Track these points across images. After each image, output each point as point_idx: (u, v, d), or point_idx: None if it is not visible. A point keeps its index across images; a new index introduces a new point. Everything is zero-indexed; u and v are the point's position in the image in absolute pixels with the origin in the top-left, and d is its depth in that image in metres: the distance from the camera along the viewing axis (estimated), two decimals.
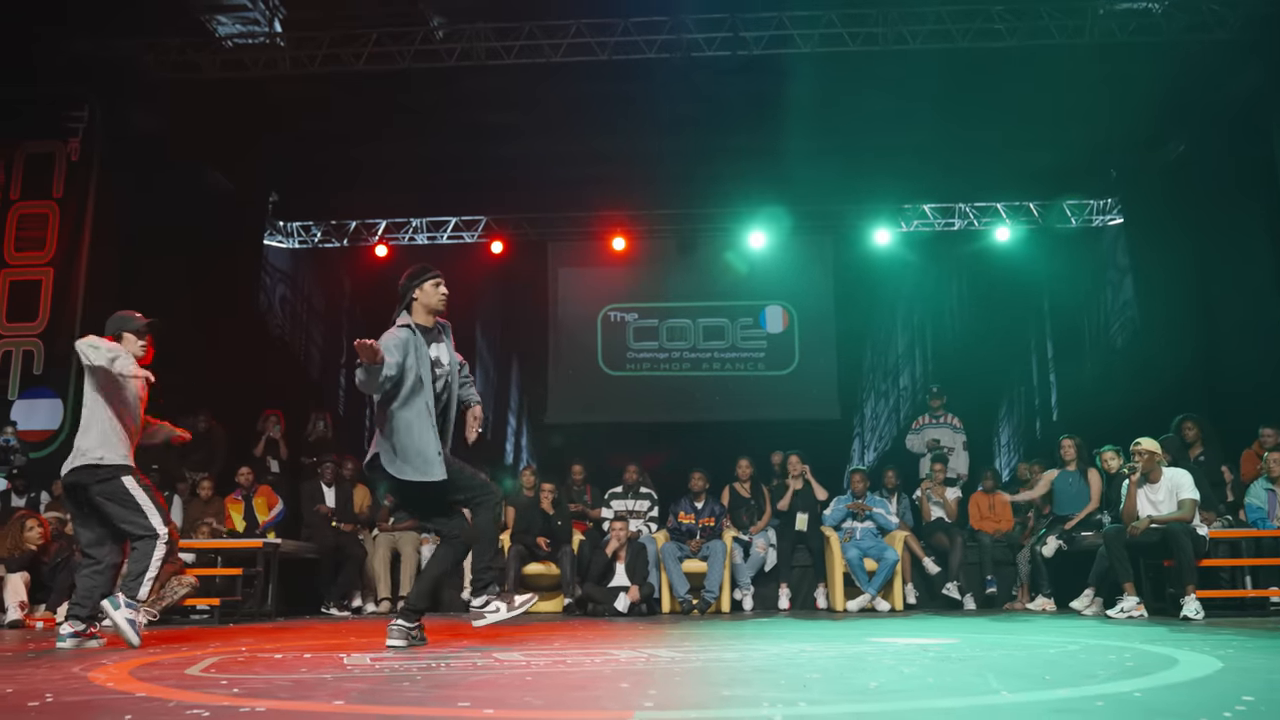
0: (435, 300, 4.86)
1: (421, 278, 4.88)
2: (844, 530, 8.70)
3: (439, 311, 4.90)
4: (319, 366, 12.97)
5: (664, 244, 12.85)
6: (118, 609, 4.78)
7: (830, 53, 9.65)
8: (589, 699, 2.86)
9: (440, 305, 4.89)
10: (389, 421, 4.65)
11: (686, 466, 9.05)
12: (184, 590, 7.14)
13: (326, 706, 2.69)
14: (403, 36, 9.78)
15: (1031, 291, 12.38)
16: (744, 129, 11.10)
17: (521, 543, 8.57)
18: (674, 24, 9.63)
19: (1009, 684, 2.99)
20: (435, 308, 4.87)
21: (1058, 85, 10.02)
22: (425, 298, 4.85)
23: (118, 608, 4.78)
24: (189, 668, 3.75)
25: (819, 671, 3.41)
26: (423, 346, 4.73)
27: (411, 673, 3.52)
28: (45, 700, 2.79)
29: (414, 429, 4.63)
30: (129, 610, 4.80)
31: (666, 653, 4.24)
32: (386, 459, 4.63)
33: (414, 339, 4.71)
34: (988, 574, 8.74)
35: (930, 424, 10.70)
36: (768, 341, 12.64)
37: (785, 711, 2.49)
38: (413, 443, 4.61)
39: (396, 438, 4.63)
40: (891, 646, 4.53)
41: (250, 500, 8.79)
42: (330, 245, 12.92)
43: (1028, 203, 12.21)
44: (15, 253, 9.90)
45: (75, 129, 10.12)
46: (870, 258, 12.44)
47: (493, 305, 12.95)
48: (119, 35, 9.77)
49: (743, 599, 8.65)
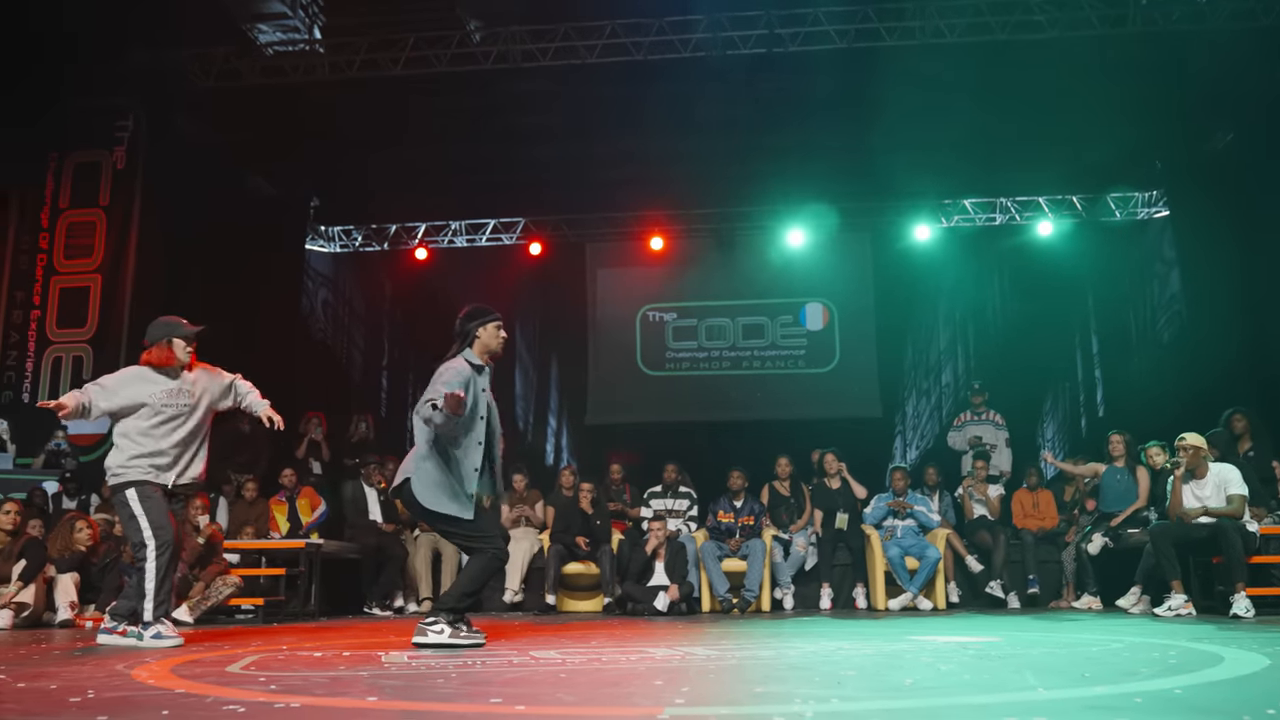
0: (495, 343, 4.91)
1: (484, 319, 4.91)
2: (885, 529, 8.62)
3: (495, 354, 4.94)
4: (360, 369, 13.10)
5: (702, 243, 12.83)
6: (142, 639, 4.87)
7: (866, 48, 9.59)
8: (621, 695, 2.86)
9: (499, 349, 4.93)
10: (434, 453, 4.66)
11: (725, 465, 9.02)
12: (229, 590, 7.25)
13: (359, 703, 2.71)
14: (439, 41, 9.87)
15: (1075, 286, 12.18)
16: (781, 126, 11.05)
17: (561, 542, 8.60)
18: (708, 22, 9.63)
19: (1046, 681, 2.95)
20: (494, 350, 4.91)
21: (1100, 76, 9.86)
22: (487, 338, 4.89)
23: (141, 638, 4.88)
24: (229, 665, 3.81)
25: (854, 669, 3.38)
26: (478, 385, 4.78)
27: (446, 670, 3.54)
28: (86, 696, 2.84)
29: (461, 465, 4.67)
30: (151, 630, 4.88)
31: (702, 651, 4.23)
32: (421, 488, 4.63)
33: (474, 378, 4.76)
34: (1030, 573, 8.62)
35: (972, 421, 10.58)
36: (808, 339, 12.57)
37: (817, 708, 2.47)
38: (452, 478, 4.65)
39: (439, 470, 4.65)
40: (930, 644, 4.48)
41: (294, 501, 8.90)
42: (371, 249, 13.05)
43: (1071, 196, 12.02)
44: (65, 260, 10.13)
45: (121, 138, 10.34)
46: (910, 254, 12.32)
47: (531, 306, 13.01)
48: (164, 46, 9.96)
49: (783, 598, 8.61)
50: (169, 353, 5.20)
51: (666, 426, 12.07)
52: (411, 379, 12.95)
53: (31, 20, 9.16)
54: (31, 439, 9.43)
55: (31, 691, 2.98)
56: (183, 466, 5.17)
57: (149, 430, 5.07)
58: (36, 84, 10.03)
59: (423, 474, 4.66)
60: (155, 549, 4.95)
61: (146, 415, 5.07)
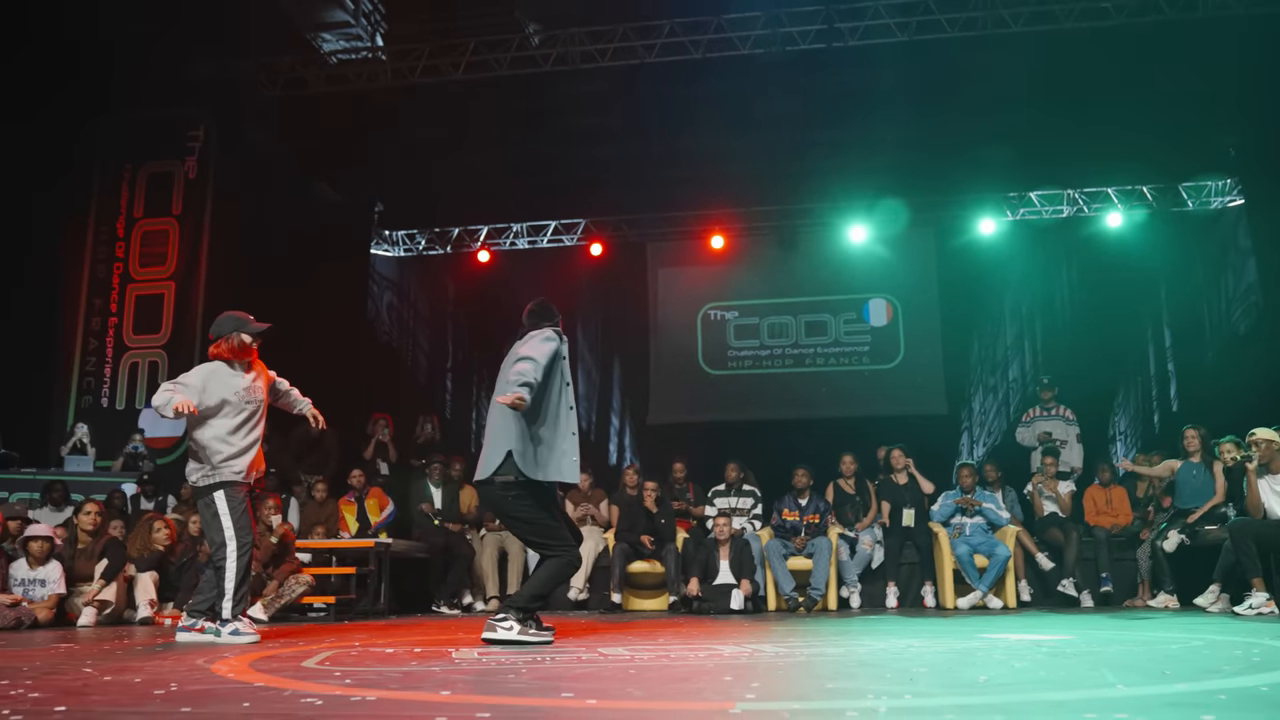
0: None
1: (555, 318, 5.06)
2: (952, 526, 8.50)
3: None
4: (425, 371, 13.27)
5: (763, 241, 12.77)
6: (220, 635, 4.99)
7: (927, 40, 9.47)
8: (691, 691, 2.86)
9: None
10: (531, 424, 4.69)
11: (789, 463, 8.97)
12: (301, 588, 7.39)
13: (433, 696, 2.75)
14: (499, 44, 9.96)
15: (1147, 278, 11.88)
16: (841, 122, 10.96)
17: (626, 541, 8.63)
18: (767, 19, 9.59)
19: (1125, 678, 2.89)
20: None
21: (1169, 63, 9.62)
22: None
23: (219, 634, 4.99)
24: (304, 660, 3.88)
25: (926, 666, 3.35)
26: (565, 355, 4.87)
27: (517, 666, 3.57)
28: (169, 689, 2.92)
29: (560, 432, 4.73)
30: (230, 627, 5.00)
31: (771, 648, 4.22)
32: (525, 461, 4.64)
33: (561, 346, 4.84)
34: (1104, 571, 8.43)
35: (1041, 416, 10.37)
36: (871, 335, 12.45)
37: (890, 704, 2.45)
38: (556, 445, 4.70)
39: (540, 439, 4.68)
40: (1002, 642, 4.42)
41: (363, 502, 9.04)
42: (434, 252, 13.21)
43: (1141, 186, 11.74)
44: (140, 268, 10.43)
45: (192, 148, 10.63)
46: (975, 248, 12.14)
47: (593, 307, 13.07)
48: (231, 57, 10.20)
49: (849, 597, 8.53)
50: (241, 346, 5.26)
51: (729, 425, 12.04)
52: (475, 380, 13.09)
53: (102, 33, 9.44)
54: (110, 442, 9.71)
55: (117, 684, 3.07)
56: (255, 462, 5.28)
57: (235, 429, 5.17)
58: (110, 97, 10.35)
59: (524, 446, 4.65)
60: (236, 549, 5.08)
61: (230, 413, 5.16)
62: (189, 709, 2.52)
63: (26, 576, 6.93)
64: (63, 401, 10.16)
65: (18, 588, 6.85)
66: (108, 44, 9.62)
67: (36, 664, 3.79)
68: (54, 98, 9.67)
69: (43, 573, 6.96)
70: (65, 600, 7.03)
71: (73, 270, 10.49)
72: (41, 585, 6.93)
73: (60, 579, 6.99)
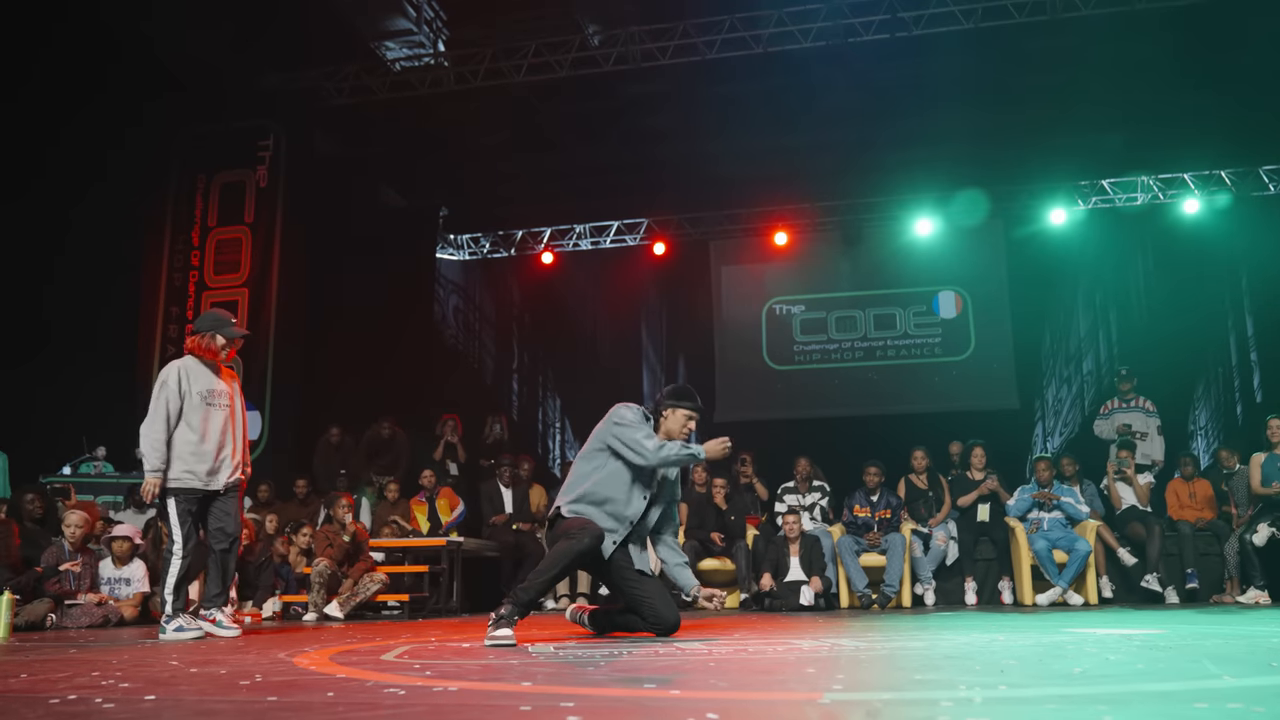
0: (678, 430, 4.67)
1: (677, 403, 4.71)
2: (1030, 521, 8.31)
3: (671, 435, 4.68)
4: (492, 372, 13.38)
5: (828, 236, 12.65)
6: (164, 631, 5.09)
7: (994, 26, 9.28)
8: (775, 682, 2.81)
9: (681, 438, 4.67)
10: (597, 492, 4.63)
11: (858, 459, 8.85)
12: (375, 586, 7.47)
13: (515, 686, 2.74)
14: (560, 46, 9.98)
15: (1227, 265, 11.52)
16: (905, 113, 10.80)
17: (695, 538, 8.58)
18: (829, 10, 9.47)
19: (1230, 669, 2.77)
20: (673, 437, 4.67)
21: (1247, 41, 9.31)
22: (671, 424, 4.68)
23: (165, 630, 5.10)
24: (383, 654, 3.91)
25: (1015, 658, 3.25)
26: None
27: (594, 659, 3.55)
28: (254, 680, 2.95)
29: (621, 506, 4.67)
30: (173, 624, 5.10)
31: (850, 642, 4.14)
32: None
33: None
34: (1189, 566, 8.17)
35: (1120, 408, 10.09)
36: (942, 328, 12.26)
37: (985, 694, 2.37)
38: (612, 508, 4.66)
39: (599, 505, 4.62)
40: (1091, 636, 4.29)
41: (433, 501, 9.13)
42: (499, 255, 13.31)
43: (1219, 171, 11.39)
44: (214, 275, 10.65)
45: (262, 158, 10.83)
46: (1045, 238, 11.90)
47: (657, 306, 13.08)
48: (299, 68, 10.38)
49: (924, 593, 8.38)
50: (209, 347, 5.37)
51: (796, 421, 11.95)
52: (541, 381, 13.16)
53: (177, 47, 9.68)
54: None
55: (203, 675, 3.11)
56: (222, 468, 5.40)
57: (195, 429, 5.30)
58: (183, 110, 10.61)
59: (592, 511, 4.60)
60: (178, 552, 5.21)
61: (193, 414, 5.34)
62: (275, 698, 2.54)
63: (112, 575, 7.12)
64: (143, 406, 10.38)
65: (104, 586, 7.04)
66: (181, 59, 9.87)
67: (125, 657, 3.86)
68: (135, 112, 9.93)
69: (127, 572, 7.15)
70: (149, 598, 7.19)
71: (151, 277, 10.76)
72: (126, 584, 7.11)
73: (144, 578, 7.16)
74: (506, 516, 9.22)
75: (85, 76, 9.23)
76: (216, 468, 5.27)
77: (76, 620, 6.51)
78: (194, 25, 9.48)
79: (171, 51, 9.81)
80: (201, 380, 5.31)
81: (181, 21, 9.41)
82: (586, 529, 4.45)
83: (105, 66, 9.23)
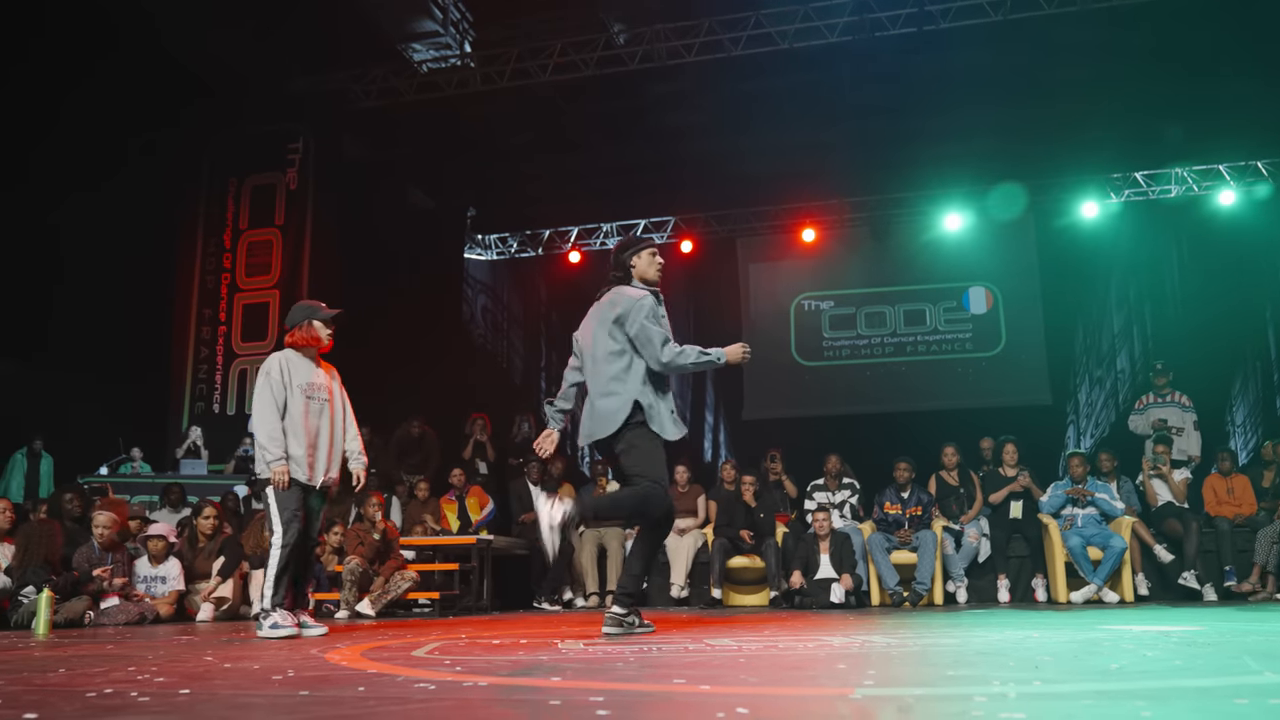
0: (652, 272, 4.68)
1: (638, 246, 4.75)
2: (1064, 518, 8.22)
3: (653, 285, 4.68)
4: (520, 372, 13.42)
5: (856, 232, 12.58)
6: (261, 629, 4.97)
7: (1022, 18, 9.19)
8: (806, 678, 2.80)
9: (656, 278, 4.68)
10: (655, 381, 4.54)
11: (888, 455, 8.78)
12: (406, 584, 7.52)
13: (544, 681, 2.74)
14: (585, 45, 9.99)
15: (1264, 257, 11.34)
16: (934, 108, 10.72)
17: (725, 536, 8.56)
18: (855, 4, 9.42)
19: (1272, 665, 2.72)
20: (651, 280, 4.67)
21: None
22: (642, 267, 4.69)
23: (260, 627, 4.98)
24: (414, 650, 3.92)
25: (1050, 654, 3.21)
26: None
27: (624, 655, 3.55)
28: (287, 675, 2.98)
29: (669, 391, 4.63)
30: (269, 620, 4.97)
31: (881, 639, 4.11)
32: (655, 418, 4.49)
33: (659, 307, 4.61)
34: (1227, 563, 8.04)
35: (1155, 403, 9.94)
36: (973, 323, 12.16)
37: (1019, 690, 2.35)
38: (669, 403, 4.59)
39: (662, 398, 4.56)
40: (1127, 632, 4.23)
41: (463, 500, 9.16)
42: (526, 255, 13.35)
43: (1255, 162, 11.22)
44: (246, 278, 10.76)
45: (292, 161, 10.93)
46: (1076, 232, 11.77)
47: (685, 304, 13.03)
48: (326, 71, 10.46)
49: (956, 591, 8.30)
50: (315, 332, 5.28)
51: (825, 418, 11.90)
52: None
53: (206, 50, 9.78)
54: (223, 447, 10.02)
55: (237, 670, 3.14)
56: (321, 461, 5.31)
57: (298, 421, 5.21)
58: (214, 114, 10.71)
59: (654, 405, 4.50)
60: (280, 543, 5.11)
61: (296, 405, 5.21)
62: (307, 692, 2.56)
63: (148, 574, 7.21)
64: (177, 407, 10.54)
65: (140, 584, 7.13)
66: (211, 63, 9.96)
67: (160, 653, 3.91)
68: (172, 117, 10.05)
69: (163, 570, 7.24)
70: (184, 596, 7.28)
71: (184, 280, 10.88)
72: (162, 582, 7.20)
73: (179, 576, 7.25)
74: (533, 516, 9.21)
75: (125, 84, 9.34)
76: (313, 462, 5.19)
77: (113, 618, 6.59)
78: (222, 29, 9.56)
79: (201, 56, 9.91)
80: (301, 373, 5.19)
81: (208, 25, 9.50)
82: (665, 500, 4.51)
83: (136, 70, 9.34)
